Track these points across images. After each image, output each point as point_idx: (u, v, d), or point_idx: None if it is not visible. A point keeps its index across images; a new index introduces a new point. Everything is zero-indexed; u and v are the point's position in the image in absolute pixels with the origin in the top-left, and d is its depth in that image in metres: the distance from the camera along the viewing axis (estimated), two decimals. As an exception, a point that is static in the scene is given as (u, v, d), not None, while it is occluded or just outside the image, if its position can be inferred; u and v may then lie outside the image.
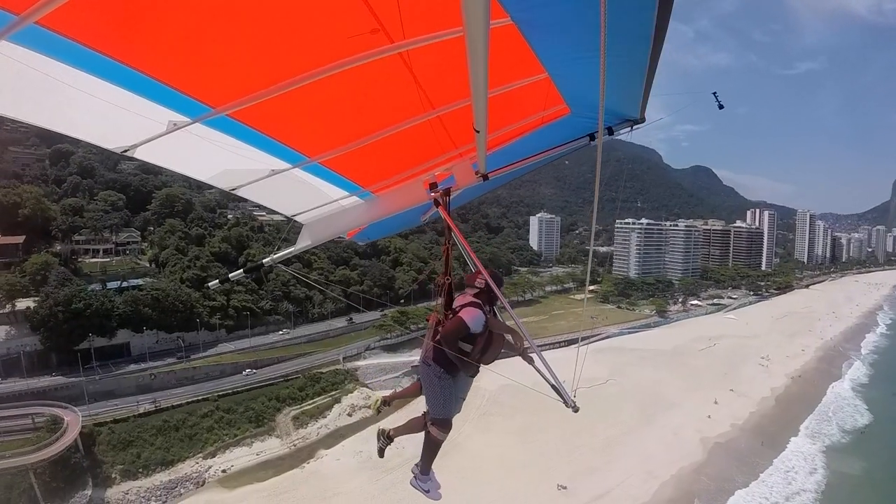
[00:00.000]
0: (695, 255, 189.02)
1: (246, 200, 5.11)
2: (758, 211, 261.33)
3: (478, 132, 2.95)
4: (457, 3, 1.65)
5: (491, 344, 4.67)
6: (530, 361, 4.79)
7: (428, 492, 5.21)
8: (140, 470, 55.17)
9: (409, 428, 5.48)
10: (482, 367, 4.77)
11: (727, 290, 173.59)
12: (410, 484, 5.31)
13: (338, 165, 4.20)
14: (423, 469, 5.24)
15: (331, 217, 5.04)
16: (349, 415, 73.04)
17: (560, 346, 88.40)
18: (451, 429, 4.98)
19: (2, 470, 47.81)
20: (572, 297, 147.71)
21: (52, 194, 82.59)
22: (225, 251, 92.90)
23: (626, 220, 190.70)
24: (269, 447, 64.34)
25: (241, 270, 5.89)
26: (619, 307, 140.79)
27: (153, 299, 72.57)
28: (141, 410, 60.96)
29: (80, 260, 76.48)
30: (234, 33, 2.44)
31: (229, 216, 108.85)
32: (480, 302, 4.69)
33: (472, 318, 4.50)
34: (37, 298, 63.14)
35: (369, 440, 68.01)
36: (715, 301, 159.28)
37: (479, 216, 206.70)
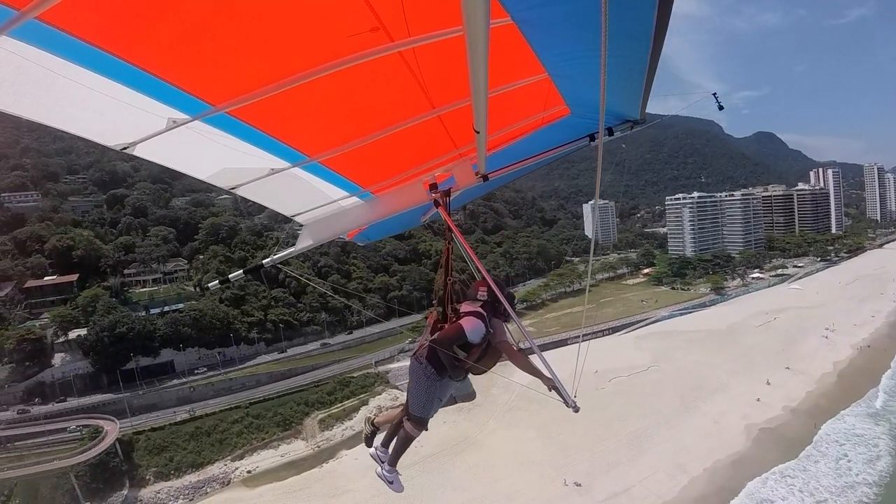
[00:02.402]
0: (756, 224, 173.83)
1: (291, 221, 5.19)
2: (821, 171, 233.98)
3: (478, 133, 2.98)
4: (457, 2, 1.68)
5: (486, 354, 4.68)
6: (533, 373, 4.74)
7: (391, 483, 5.25)
8: (172, 472, 60.71)
9: (389, 418, 5.60)
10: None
11: (792, 260, 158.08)
12: (376, 473, 5.36)
13: (338, 165, 4.22)
14: (392, 461, 5.25)
15: (331, 217, 5.05)
16: (375, 416, 76.54)
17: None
18: (425, 428, 4.93)
19: (46, 472, 55.01)
20: (625, 282, 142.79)
21: (106, 235, 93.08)
22: (266, 270, 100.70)
23: (677, 196, 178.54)
24: (294, 449, 67.60)
25: (241, 271, 5.92)
26: (672, 288, 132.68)
27: (192, 319, 79.48)
28: (178, 419, 67.10)
29: (129, 291, 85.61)
30: (234, 30, 2.45)
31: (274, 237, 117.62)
32: (485, 313, 4.63)
33: (472, 328, 4.49)
34: (87, 327, 72.11)
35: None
36: (779, 272, 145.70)
37: (535, 210, 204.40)
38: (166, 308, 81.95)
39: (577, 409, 4.24)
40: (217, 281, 6.17)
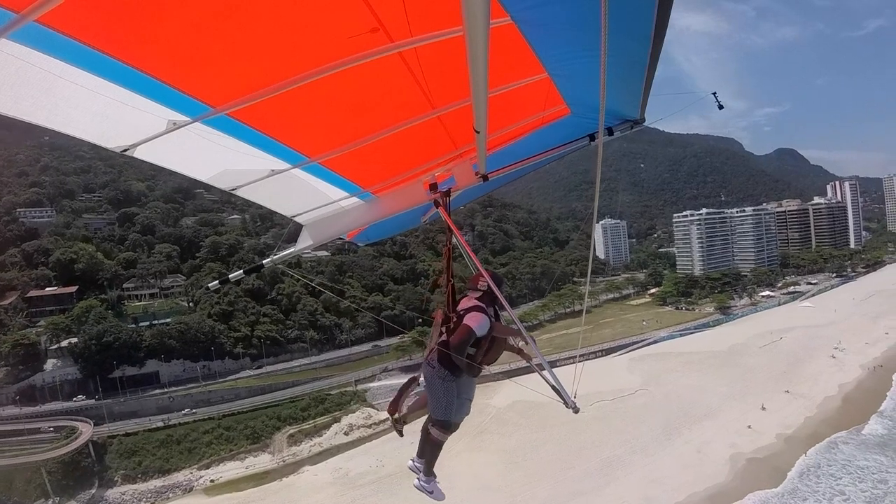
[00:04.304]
0: (769, 241, 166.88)
1: (293, 241, 5.21)
2: (838, 184, 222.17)
3: (478, 133, 3.00)
4: (457, 2, 1.69)
5: (493, 346, 4.72)
6: (529, 360, 4.95)
7: (431, 492, 5.19)
8: (139, 475, 62.93)
9: (418, 405, 5.51)
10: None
11: (806, 276, 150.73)
12: (413, 485, 5.28)
13: (338, 166, 4.20)
14: (427, 470, 5.21)
15: (331, 218, 5.07)
16: (346, 434, 74.73)
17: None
18: (453, 430, 4.90)
19: (21, 465, 58.36)
20: (629, 303, 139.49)
21: (112, 251, 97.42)
22: (258, 287, 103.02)
23: (684, 213, 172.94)
24: (259, 462, 68.39)
25: (241, 271, 5.87)
26: (676, 308, 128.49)
27: (178, 332, 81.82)
28: (153, 426, 69.32)
29: (125, 304, 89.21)
30: (234, 32, 2.44)
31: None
32: (483, 305, 4.70)
33: (478, 324, 4.52)
34: (78, 336, 75.69)
35: (354, 458, 71.11)
36: (791, 290, 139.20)
37: (548, 231, 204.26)
38: (155, 321, 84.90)
39: (577, 410, 4.28)
40: (217, 281, 6.24)
